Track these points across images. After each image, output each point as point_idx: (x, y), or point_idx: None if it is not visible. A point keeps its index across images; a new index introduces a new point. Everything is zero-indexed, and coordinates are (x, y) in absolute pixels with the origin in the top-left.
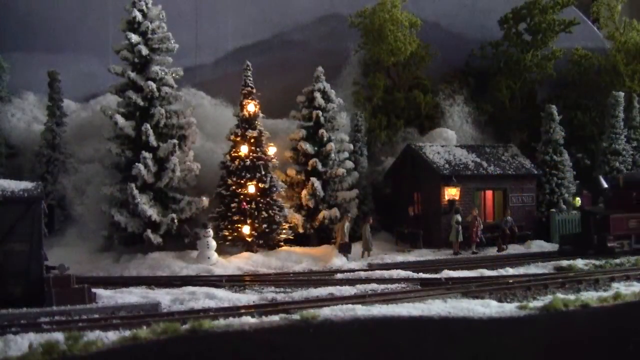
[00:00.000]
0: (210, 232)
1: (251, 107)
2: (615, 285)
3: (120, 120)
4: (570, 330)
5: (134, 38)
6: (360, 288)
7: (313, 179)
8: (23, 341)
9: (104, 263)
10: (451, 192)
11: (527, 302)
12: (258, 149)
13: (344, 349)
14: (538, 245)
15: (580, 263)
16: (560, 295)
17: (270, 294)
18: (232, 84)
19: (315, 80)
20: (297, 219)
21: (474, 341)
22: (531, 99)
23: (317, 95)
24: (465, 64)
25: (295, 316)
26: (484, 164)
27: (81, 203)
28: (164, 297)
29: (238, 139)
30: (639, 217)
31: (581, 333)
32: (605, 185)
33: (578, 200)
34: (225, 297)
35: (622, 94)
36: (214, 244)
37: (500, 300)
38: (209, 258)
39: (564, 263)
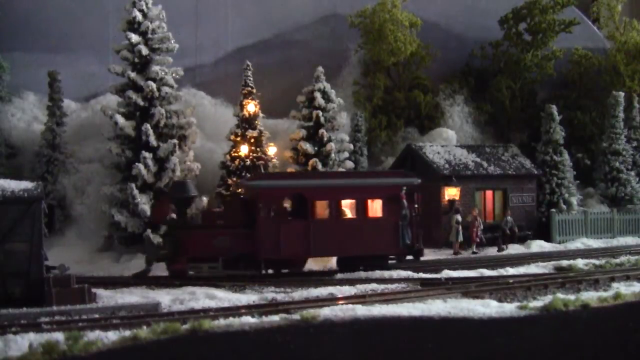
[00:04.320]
0: None
1: (251, 107)
2: (615, 285)
3: (120, 120)
4: (570, 330)
5: (134, 38)
6: (360, 288)
7: None
8: (23, 341)
9: (104, 263)
10: (451, 192)
11: (527, 302)
12: (258, 149)
13: (344, 349)
14: (538, 245)
15: (580, 263)
16: (560, 295)
17: (270, 294)
18: (232, 84)
19: (315, 80)
20: None
21: (474, 341)
22: (531, 99)
23: (317, 95)
24: (465, 64)
25: (295, 316)
26: (484, 164)
27: (81, 203)
28: (164, 297)
29: (238, 139)
30: (234, 233)
31: (581, 333)
32: (194, 193)
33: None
34: (225, 297)
35: (622, 94)
36: None
37: (500, 300)
38: None
39: (564, 263)
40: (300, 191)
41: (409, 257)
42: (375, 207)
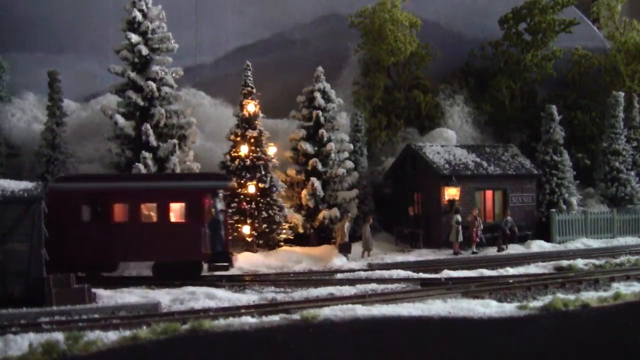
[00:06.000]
0: None
1: (251, 107)
2: (615, 285)
3: (120, 120)
4: (570, 330)
5: (134, 38)
6: (360, 288)
7: (313, 179)
8: (23, 341)
9: None
10: (451, 192)
11: (527, 302)
12: (258, 149)
13: (344, 349)
14: (538, 245)
15: (580, 263)
16: (560, 295)
17: (270, 294)
18: (232, 84)
19: (315, 80)
20: (297, 219)
21: (473, 341)
22: (531, 99)
23: (317, 95)
24: (465, 64)
25: (295, 316)
26: (484, 164)
27: None
28: (164, 297)
29: (238, 139)
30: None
31: (581, 333)
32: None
33: None
34: (225, 297)
35: (622, 94)
36: None
37: (500, 300)
38: None
39: (564, 263)
40: (98, 194)
41: (219, 265)
42: (178, 212)
